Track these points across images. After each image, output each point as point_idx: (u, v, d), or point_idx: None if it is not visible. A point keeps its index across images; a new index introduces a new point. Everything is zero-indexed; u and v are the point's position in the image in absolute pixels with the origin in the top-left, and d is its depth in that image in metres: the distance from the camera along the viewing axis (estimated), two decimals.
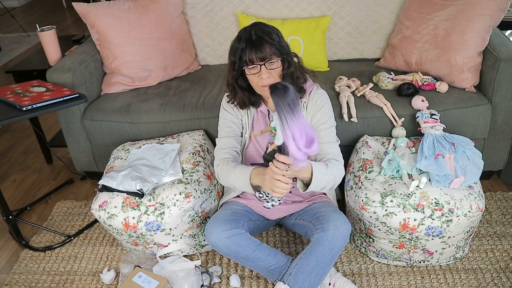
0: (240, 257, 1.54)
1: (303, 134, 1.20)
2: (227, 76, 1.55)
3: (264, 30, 1.46)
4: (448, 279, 1.67)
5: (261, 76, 1.44)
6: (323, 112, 1.59)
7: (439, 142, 1.68)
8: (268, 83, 1.44)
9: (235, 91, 1.57)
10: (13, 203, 2.31)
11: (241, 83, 1.55)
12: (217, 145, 1.67)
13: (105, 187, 1.70)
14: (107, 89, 2.25)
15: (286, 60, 1.48)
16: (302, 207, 1.71)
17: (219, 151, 1.64)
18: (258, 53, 1.42)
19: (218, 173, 1.61)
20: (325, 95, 1.63)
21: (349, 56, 2.42)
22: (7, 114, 1.70)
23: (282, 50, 1.46)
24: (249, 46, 1.42)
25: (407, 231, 1.56)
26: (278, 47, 1.45)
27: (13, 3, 6.34)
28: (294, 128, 1.19)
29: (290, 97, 1.19)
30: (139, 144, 1.98)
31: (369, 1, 2.30)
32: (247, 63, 1.44)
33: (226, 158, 1.61)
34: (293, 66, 1.51)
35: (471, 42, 1.95)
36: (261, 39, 1.43)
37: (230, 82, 1.55)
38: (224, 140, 1.65)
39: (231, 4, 2.37)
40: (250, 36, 1.44)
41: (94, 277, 1.81)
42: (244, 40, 1.44)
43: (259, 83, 1.47)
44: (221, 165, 1.59)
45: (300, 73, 1.55)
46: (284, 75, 1.50)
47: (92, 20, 2.19)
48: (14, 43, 4.84)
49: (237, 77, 1.52)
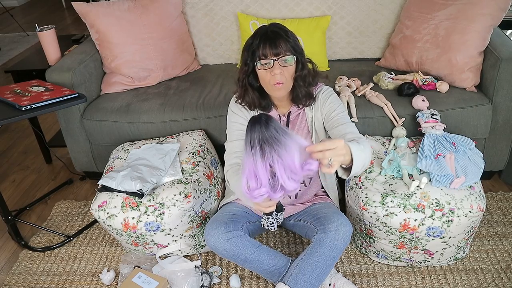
0: (239, 259, 1.53)
1: (254, 176, 1.13)
2: (239, 72, 1.54)
3: (280, 27, 1.46)
4: (448, 280, 1.67)
5: (273, 71, 1.42)
6: (332, 101, 1.58)
7: (439, 142, 1.68)
8: (280, 81, 1.43)
9: (245, 88, 1.53)
10: (13, 203, 2.31)
11: (252, 82, 1.52)
12: (227, 149, 1.63)
13: (104, 187, 1.70)
14: (107, 89, 2.25)
15: (300, 61, 1.46)
16: (303, 208, 1.70)
17: (229, 155, 1.61)
18: (272, 48, 1.40)
19: (228, 180, 1.58)
20: (329, 89, 1.63)
21: (350, 56, 2.42)
22: (6, 114, 1.70)
23: (297, 49, 1.45)
24: (264, 41, 1.41)
25: (407, 231, 1.56)
26: (293, 45, 1.44)
27: (13, 3, 6.33)
28: (247, 163, 1.13)
29: (257, 134, 1.10)
30: (139, 144, 1.97)
31: (369, 1, 2.29)
32: (260, 58, 1.42)
33: (236, 164, 1.57)
34: (306, 69, 1.49)
35: (472, 41, 1.95)
36: (277, 35, 1.42)
37: (241, 78, 1.53)
38: (234, 144, 1.61)
39: (231, 4, 2.37)
40: (265, 32, 1.43)
41: (93, 278, 1.81)
42: (259, 35, 1.43)
43: (271, 81, 1.44)
44: (231, 172, 1.56)
45: (312, 78, 1.53)
46: (297, 77, 1.48)
47: (91, 19, 2.18)
48: (13, 43, 4.84)
49: (249, 73, 1.49)
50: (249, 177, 1.14)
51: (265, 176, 1.13)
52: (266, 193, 1.16)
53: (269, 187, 1.15)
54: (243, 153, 1.14)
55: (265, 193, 1.16)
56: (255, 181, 1.14)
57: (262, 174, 1.13)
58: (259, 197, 1.17)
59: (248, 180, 1.15)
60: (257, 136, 1.10)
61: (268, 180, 1.14)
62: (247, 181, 1.15)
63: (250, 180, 1.14)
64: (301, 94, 1.53)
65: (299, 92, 1.52)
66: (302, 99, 1.55)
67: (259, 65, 1.43)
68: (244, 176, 1.15)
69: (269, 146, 1.10)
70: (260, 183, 1.14)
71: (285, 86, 1.47)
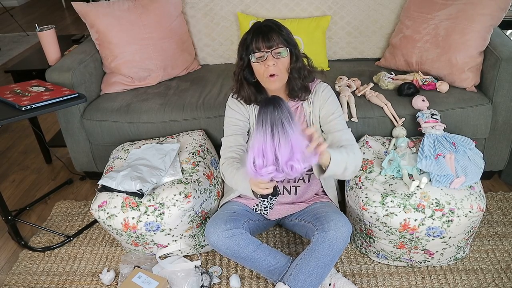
0: (240, 257, 1.53)
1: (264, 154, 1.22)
2: (235, 67, 1.57)
3: (273, 22, 1.49)
4: (448, 280, 1.67)
5: (267, 63, 1.45)
6: (330, 103, 1.60)
7: (439, 142, 1.68)
8: (274, 72, 1.46)
9: (241, 83, 1.57)
10: (12, 203, 2.31)
11: (247, 76, 1.55)
12: (223, 144, 1.66)
13: (104, 187, 1.70)
14: (107, 89, 2.25)
15: (294, 53, 1.49)
16: (303, 208, 1.70)
17: (225, 149, 1.64)
18: (265, 41, 1.44)
19: (223, 172, 1.60)
20: (329, 88, 1.65)
21: (350, 56, 2.42)
22: (6, 114, 1.70)
23: (290, 42, 1.48)
24: (257, 35, 1.45)
25: (407, 231, 1.56)
26: (286, 37, 1.47)
27: (12, 3, 6.33)
28: (256, 141, 1.21)
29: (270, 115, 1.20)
30: (139, 144, 1.97)
31: (369, 1, 2.29)
32: (254, 51, 1.45)
33: (232, 157, 1.60)
34: (300, 61, 1.52)
35: (472, 41, 1.94)
36: (269, 28, 1.45)
37: (237, 73, 1.56)
38: (230, 138, 1.64)
39: (231, 4, 2.37)
40: (259, 26, 1.47)
41: (93, 278, 1.81)
42: (253, 30, 1.47)
43: (265, 73, 1.47)
44: (226, 165, 1.59)
45: (308, 72, 1.56)
46: (292, 69, 1.50)
47: (91, 19, 2.18)
48: (13, 43, 4.84)
49: (244, 68, 1.53)
50: (257, 155, 1.22)
51: (272, 155, 1.21)
52: (273, 172, 1.24)
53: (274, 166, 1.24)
54: (253, 132, 1.20)
55: (272, 171, 1.24)
56: (262, 160, 1.22)
57: (270, 153, 1.21)
58: (266, 175, 1.25)
59: (256, 158, 1.23)
60: (269, 117, 1.20)
61: (274, 160, 1.22)
62: (254, 159, 1.23)
63: (257, 158, 1.22)
64: (297, 86, 1.56)
65: (295, 84, 1.55)
66: (298, 91, 1.57)
67: (253, 58, 1.47)
68: (251, 154, 1.23)
69: (280, 126, 1.19)
70: (266, 161, 1.22)
71: (280, 78, 1.49)
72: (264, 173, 1.24)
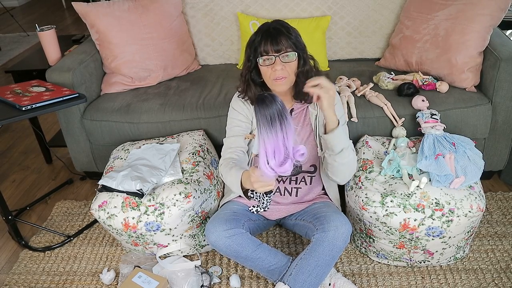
0: (240, 257, 1.53)
1: (278, 151, 1.19)
2: (242, 68, 1.57)
3: (283, 24, 1.48)
4: (448, 279, 1.67)
5: (275, 67, 1.44)
6: (336, 109, 1.56)
7: (439, 142, 1.68)
8: (282, 76, 1.45)
9: (248, 84, 1.56)
10: (13, 203, 2.31)
11: (254, 77, 1.54)
12: (224, 144, 1.66)
13: (104, 187, 1.70)
14: (107, 89, 2.25)
15: (302, 56, 1.49)
16: (303, 208, 1.70)
17: (225, 150, 1.64)
18: (274, 44, 1.43)
19: (221, 173, 1.60)
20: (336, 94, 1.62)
21: (349, 56, 2.42)
22: (7, 114, 1.70)
23: (298, 45, 1.47)
24: (265, 37, 1.44)
25: (407, 231, 1.56)
26: (295, 41, 1.46)
27: (13, 3, 6.33)
28: (268, 143, 1.18)
29: (273, 110, 1.17)
30: (139, 144, 1.97)
31: (369, 1, 2.29)
32: (262, 54, 1.44)
33: (230, 158, 1.59)
34: (308, 65, 1.52)
35: (472, 42, 1.95)
36: (278, 31, 1.44)
37: (244, 74, 1.56)
38: (231, 140, 1.64)
39: (231, 4, 2.37)
40: (267, 28, 1.46)
41: (93, 278, 1.81)
42: (262, 32, 1.46)
43: (272, 76, 1.47)
44: (223, 166, 1.58)
45: (315, 75, 1.54)
46: (299, 73, 1.50)
47: (91, 20, 2.18)
48: (13, 43, 4.84)
49: (251, 69, 1.52)
50: (270, 156, 1.19)
51: (284, 148, 1.19)
52: (290, 165, 1.21)
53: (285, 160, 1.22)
54: (257, 134, 1.19)
55: (290, 165, 1.21)
56: (277, 157, 1.19)
57: (281, 147, 1.19)
58: (285, 171, 1.21)
59: (269, 160, 1.19)
60: (276, 110, 1.17)
61: (285, 152, 1.20)
62: (268, 160, 1.19)
63: (271, 159, 1.19)
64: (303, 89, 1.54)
65: (301, 87, 1.53)
66: (304, 94, 1.56)
67: (261, 61, 1.46)
68: (263, 158, 1.19)
69: (284, 119, 1.18)
70: (279, 158, 1.20)
71: (287, 80, 1.49)
72: (282, 170, 1.21)
